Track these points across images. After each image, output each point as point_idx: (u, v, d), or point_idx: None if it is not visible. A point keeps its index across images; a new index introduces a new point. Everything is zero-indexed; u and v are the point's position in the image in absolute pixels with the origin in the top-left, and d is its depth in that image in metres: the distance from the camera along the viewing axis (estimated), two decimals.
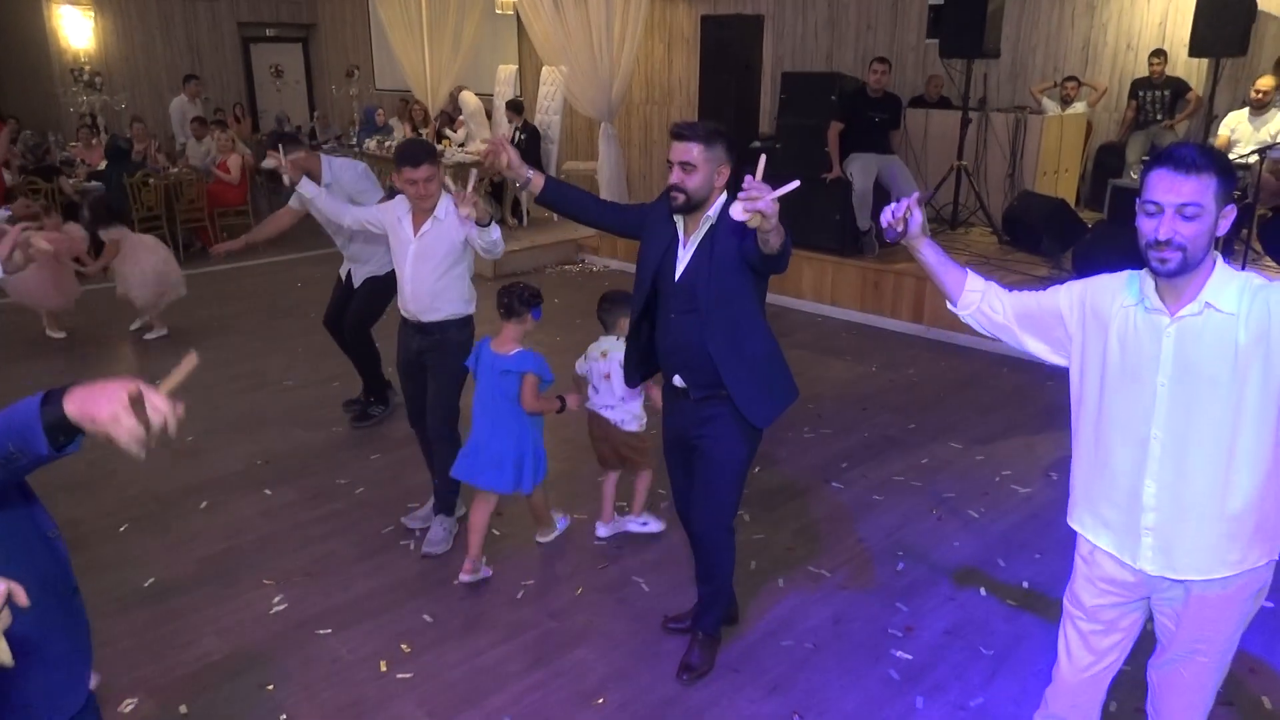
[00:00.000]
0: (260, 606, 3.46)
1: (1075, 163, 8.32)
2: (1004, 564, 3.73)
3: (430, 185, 3.56)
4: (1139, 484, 1.99)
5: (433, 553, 3.81)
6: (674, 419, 2.98)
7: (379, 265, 4.85)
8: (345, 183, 4.65)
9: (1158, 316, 1.93)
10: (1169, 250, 1.84)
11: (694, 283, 2.71)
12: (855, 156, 6.95)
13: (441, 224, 3.64)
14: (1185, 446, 1.93)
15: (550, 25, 8.90)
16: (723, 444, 2.83)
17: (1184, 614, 2.04)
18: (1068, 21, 8.53)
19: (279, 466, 4.66)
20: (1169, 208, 1.83)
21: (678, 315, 2.77)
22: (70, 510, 4.21)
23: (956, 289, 2.28)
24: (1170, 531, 1.98)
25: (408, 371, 3.94)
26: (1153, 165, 1.89)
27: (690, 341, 2.75)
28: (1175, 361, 1.91)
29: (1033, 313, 2.19)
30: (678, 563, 3.75)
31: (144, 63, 13.99)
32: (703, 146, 2.65)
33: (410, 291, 3.73)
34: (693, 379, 2.82)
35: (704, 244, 2.72)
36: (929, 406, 5.38)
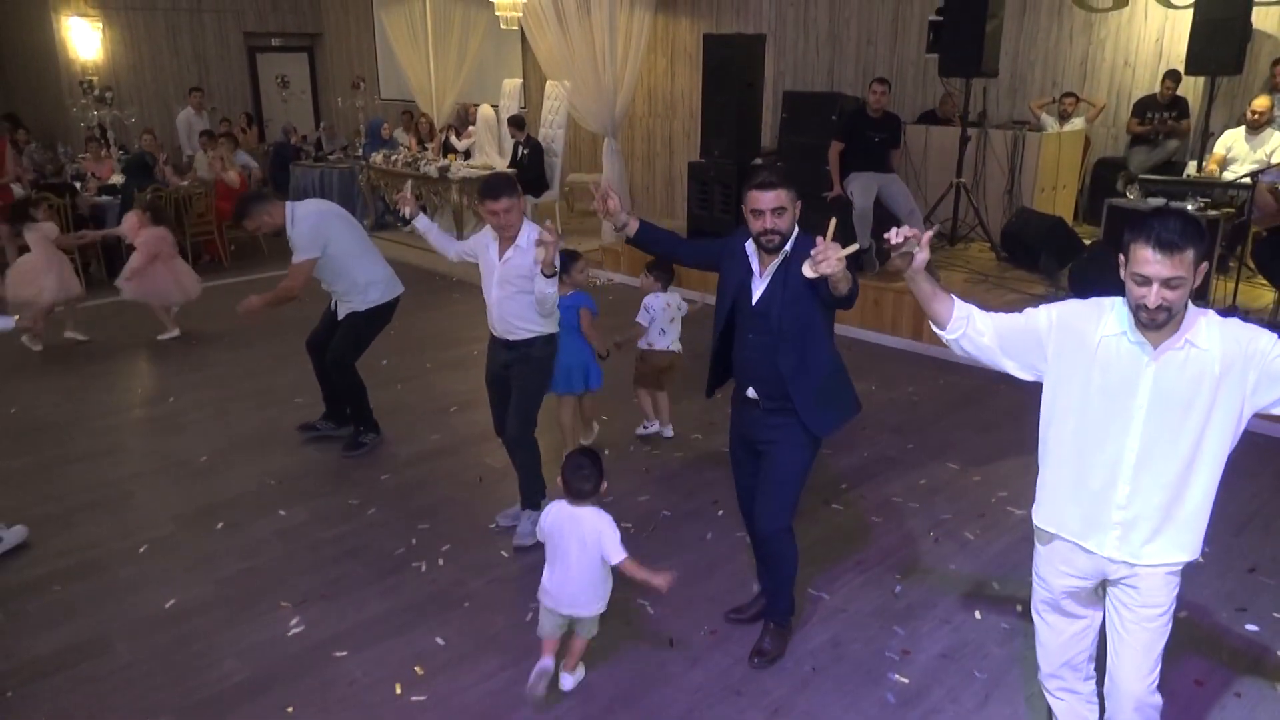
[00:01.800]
0: (278, 628, 3.57)
1: (1073, 179, 8.42)
2: (998, 587, 3.84)
3: (510, 216, 3.80)
4: (1112, 487, 2.29)
5: (522, 544, 4.08)
6: (743, 425, 3.30)
7: (360, 301, 4.92)
8: (297, 235, 4.71)
9: (1139, 350, 2.20)
10: (1159, 313, 2.11)
11: (769, 308, 3.04)
12: (855, 175, 7.06)
13: (522, 251, 3.89)
14: (1155, 457, 2.23)
15: (554, 40, 9.02)
16: (787, 450, 3.15)
17: (1136, 589, 2.34)
18: (1066, 38, 8.63)
19: (291, 487, 4.78)
20: (1157, 281, 2.08)
21: (754, 335, 3.10)
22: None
23: (946, 314, 2.45)
24: (1135, 525, 2.28)
25: (493, 383, 4.23)
26: (1139, 238, 2.11)
27: (764, 359, 3.08)
28: (1154, 389, 2.19)
29: (1014, 334, 2.41)
30: (682, 584, 3.82)
31: (151, 74, 14.11)
32: (788, 191, 2.95)
33: (496, 314, 4.02)
34: (764, 391, 3.14)
35: (779, 274, 3.03)
36: (927, 426, 5.49)
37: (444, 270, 9.36)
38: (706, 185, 8.22)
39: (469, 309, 8.15)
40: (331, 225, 4.81)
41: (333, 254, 4.79)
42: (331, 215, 4.88)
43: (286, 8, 15.38)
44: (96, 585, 3.89)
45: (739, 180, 7.94)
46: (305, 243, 4.72)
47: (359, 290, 4.90)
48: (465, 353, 6.87)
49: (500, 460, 5.03)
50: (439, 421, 5.60)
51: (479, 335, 7.18)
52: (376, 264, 5.00)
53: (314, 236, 4.72)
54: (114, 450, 5.22)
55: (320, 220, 4.77)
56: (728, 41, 7.97)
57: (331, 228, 4.80)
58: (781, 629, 3.43)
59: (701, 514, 4.47)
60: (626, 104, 9.31)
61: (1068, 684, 2.61)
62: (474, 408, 5.82)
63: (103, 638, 3.53)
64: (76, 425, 5.58)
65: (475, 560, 4.05)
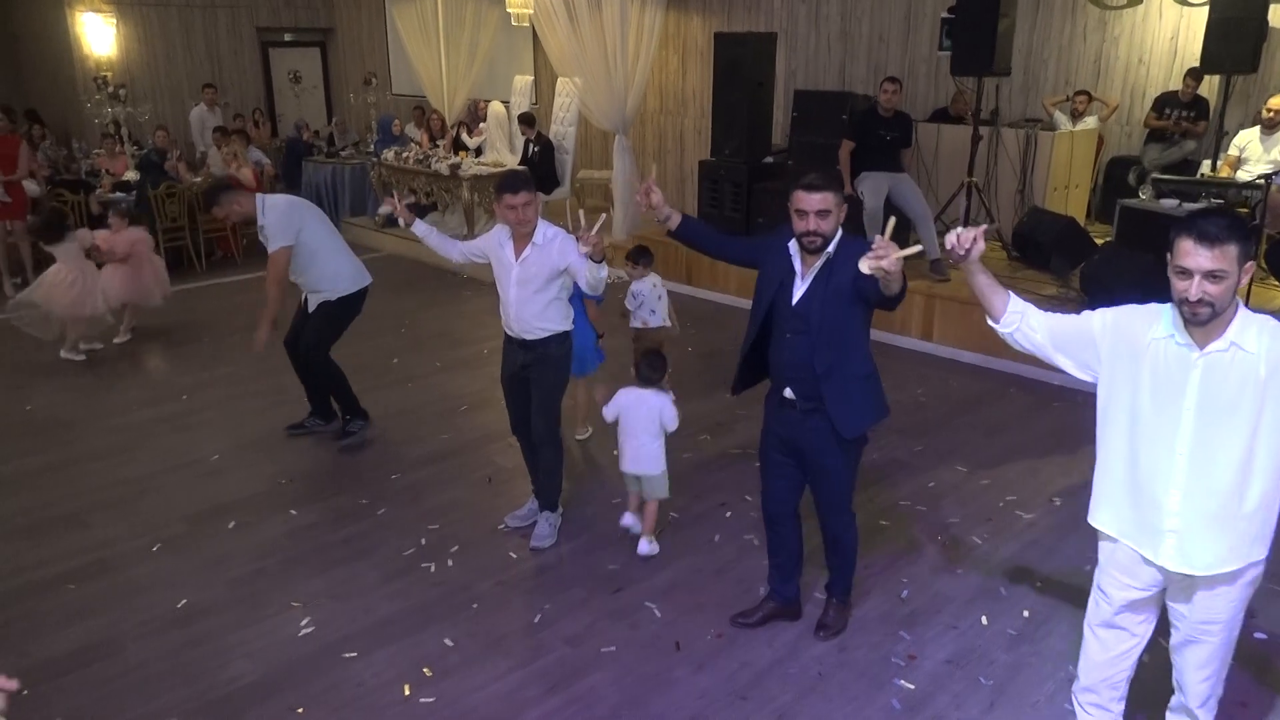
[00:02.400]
0: (288, 629, 3.61)
1: (1086, 178, 8.37)
2: (1005, 592, 3.84)
3: (528, 211, 3.79)
4: (1164, 492, 2.28)
5: (539, 546, 4.16)
6: (781, 427, 3.29)
7: (331, 291, 5.02)
8: (270, 224, 4.81)
9: (1187, 351, 2.21)
10: (1200, 306, 2.13)
11: (809, 309, 3.06)
12: (866, 175, 7.04)
13: (540, 249, 3.86)
14: (1206, 461, 2.22)
15: (565, 37, 9.02)
16: (833, 448, 3.20)
17: (1195, 601, 2.35)
18: (1079, 35, 8.57)
19: (302, 486, 4.82)
20: (1198, 273, 2.11)
21: (792, 335, 3.12)
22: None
23: (1000, 308, 2.52)
24: (1189, 532, 2.27)
25: (510, 384, 4.21)
26: (1182, 232, 2.16)
27: (801, 359, 3.10)
28: (1201, 391, 2.20)
29: (1067, 334, 2.45)
30: (690, 588, 3.88)
31: (165, 69, 14.16)
32: (834, 195, 2.98)
33: (514, 314, 3.98)
34: (801, 391, 3.17)
35: (821, 275, 3.05)
36: (936, 428, 5.48)
37: (454, 267, 9.38)
38: (717, 184, 8.22)
39: (478, 307, 8.18)
40: (303, 214, 4.93)
41: (305, 242, 4.88)
42: (302, 206, 4.99)
43: (299, 3, 15.39)
44: (109, 585, 3.93)
45: (749, 179, 7.95)
46: (279, 230, 4.82)
47: (330, 280, 5.01)
48: (475, 352, 6.90)
49: (510, 460, 5.07)
50: (449, 421, 5.63)
51: (488, 334, 7.25)
52: (346, 256, 5.13)
53: (287, 224, 4.83)
54: (127, 449, 5.27)
55: (291, 209, 4.90)
56: (739, 40, 7.95)
57: (303, 217, 4.91)
58: (844, 605, 3.59)
59: (709, 517, 4.48)
60: (638, 101, 9.31)
61: (1102, 701, 2.60)
62: (484, 407, 5.86)
63: (115, 638, 3.57)
64: (91, 424, 5.64)
65: (484, 562, 4.08)
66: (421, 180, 9.55)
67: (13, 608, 3.77)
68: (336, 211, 11.63)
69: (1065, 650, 3.43)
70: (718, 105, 8.17)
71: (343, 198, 11.66)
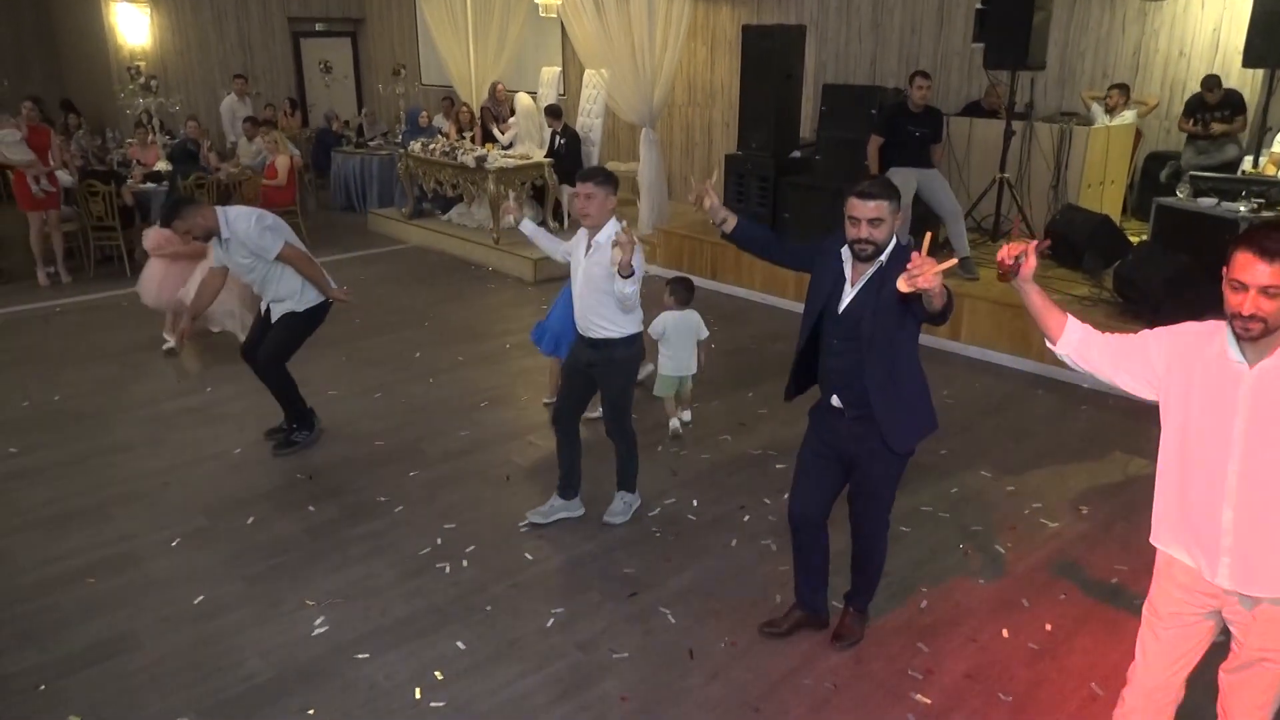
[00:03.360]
0: (302, 628, 3.61)
1: (1122, 174, 8.17)
2: (1028, 604, 3.76)
3: (589, 204, 3.86)
4: (1218, 511, 2.23)
5: (612, 522, 4.33)
6: (828, 434, 3.25)
7: (296, 302, 4.91)
8: (240, 234, 4.67)
9: (1238, 367, 2.16)
10: (1253, 322, 2.08)
11: (859, 316, 3.01)
12: (895, 171, 6.91)
13: (602, 248, 3.91)
14: (1260, 480, 2.16)
15: (592, 28, 8.95)
16: (879, 463, 3.18)
17: (1253, 625, 2.27)
18: (1118, 27, 8.36)
19: (321, 481, 4.83)
20: (1253, 287, 2.06)
21: (840, 342, 3.09)
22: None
23: (1058, 330, 2.48)
24: (1246, 553, 2.20)
25: (570, 373, 4.27)
26: (1242, 245, 2.10)
27: (850, 367, 3.07)
28: (1252, 408, 2.15)
29: (1126, 353, 2.40)
30: (705, 593, 3.84)
31: (198, 58, 14.29)
32: (889, 203, 2.95)
33: (579, 309, 4.07)
34: (849, 399, 3.13)
35: (872, 282, 3.01)
36: (962, 431, 5.38)
37: (479, 259, 9.40)
38: (743, 179, 8.13)
39: (502, 300, 8.17)
40: (275, 220, 4.82)
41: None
42: (268, 216, 4.83)
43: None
44: (129, 579, 3.96)
45: (776, 174, 7.85)
46: (264, 239, 4.69)
47: (297, 291, 4.90)
48: (497, 346, 6.89)
49: (529, 459, 5.05)
50: (469, 417, 5.62)
51: (511, 328, 7.25)
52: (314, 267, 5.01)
53: (273, 230, 4.73)
54: (151, 441, 5.32)
55: (263, 218, 4.76)
56: (767, 33, 7.84)
57: (276, 223, 4.81)
58: (863, 614, 3.55)
59: (727, 519, 4.43)
60: (665, 94, 9.22)
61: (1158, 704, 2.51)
62: (505, 403, 5.85)
63: (132, 633, 3.60)
64: (116, 416, 5.69)
65: (499, 563, 4.06)
66: (447, 172, 9.54)
67: (35, 601, 3.81)
68: (364, 202, 11.69)
69: (1088, 668, 3.35)
70: (745, 98, 8.08)
71: (371, 189, 11.71)
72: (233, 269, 4.87)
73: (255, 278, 4.86)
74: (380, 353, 6.79)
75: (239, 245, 4.71)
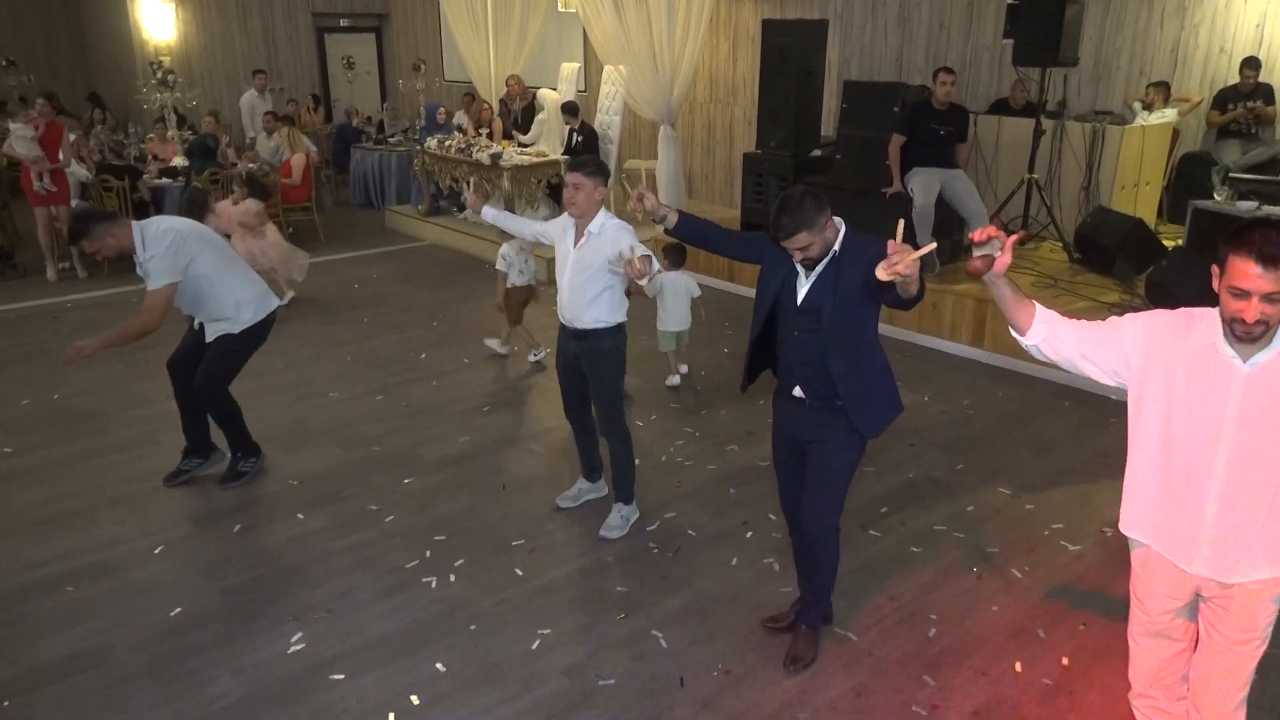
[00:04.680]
0: (278, 645, 3.47)
1: (1158, 175, 7.85)
2: (1044, 634, 3.53)
3: (577, 194, 3.81)
4: (1201, 503, 2.20)
5: (608, 537, 4.19)
6: (788, 424, 3.20)
7: (234, 321, 4.49)
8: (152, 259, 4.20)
9: (1230, 362, 2.11)
10: (1256, 327, 2.03)
11: (818, 307, 2.95)
12: (917, 171, 6.68)
13: (596, 239, 3.87)
14: (1246, 473, 2.14)
15: (610, 25, 8.77)
16: (835, 449, 3.10)
17: (1230, 610, 2.25)
18: (1156, 23, 8.04)
19: (313, 488, 4.70)
20: (1255, 294, 2.00)
21: (801, 334, 3.01)
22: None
23: (1026, 321, 2.40)
24: (1226, 542, 2.20)
25: (565, 372, 4.21)
26: (1239, 249, 2.01)
27: (812, 358, 3.01)
28: (1244, 403, 2.11)
29: (1097, 340, 2.33)
30: (701, 615, 3.65)
31: (222, 54, 14.32)
32: (807, 232, 2.83)
33: (566, 299, 4.00)
34: (811, 390, 3.07)
35: (828, 272, 2.94)
36: (981, 444, 5.15)
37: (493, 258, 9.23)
38: (762, 178, 7.91)
39: None
40: (190, 244, 4.29)
41: (195, 275, 4.30)
42: (189, 234, 4.34)
43: None
44: (108, 588, 3.85)
45: (795, 173, 7.63)
46: (164, 267, 4.19)
47: (232, 309, 4.46)
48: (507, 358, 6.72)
49: (527, 468, 4.89)
50: (470, 422, 5.47)
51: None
52: (246, 281, 4.55)
53: (173, 260, 4.21)
54: (146, 442, 5.22)
55: (177, 240, 4.24)
56: (787, 28, 7.62)
57: (190, 247, 4.28)
58: (814, 630, 3.39)
59: (729, 536, 4.24)
60: (684, 90, 9.02)
61: (1160, 704, 2.51)
62: (507, 407, 5.69)
63: (107, 645, 3.48)
64: (114, 415, 5.61)
65: (488, 578, 3.90)
66: (463, 169, 9.41)
67: (10, 610, 3.71)
68: (382, 199, 11.60)
69: (1106, 708, 3.12)
70: (764, 95, 7.86)
71: (389, 185, 11.62)
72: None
73: (184, 303, 4.41)
74: (385, 353, 6.66)
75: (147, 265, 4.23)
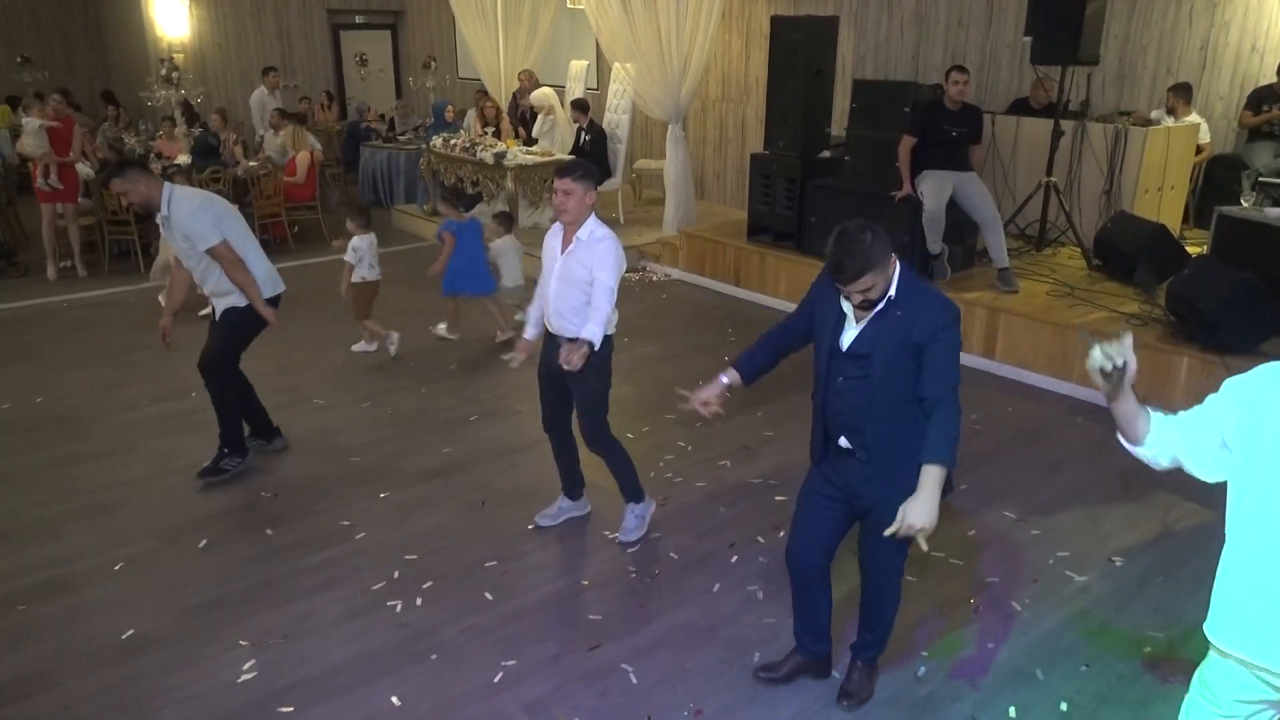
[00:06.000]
0: (229, 673, 3.30)
1: (1184, 179, 7.53)
2: (1042, 676, 3.28)
3: (568, 200, 3.66)
4: None
5: (627, 540, 4.11)
6: (836, 475, 2.93)
7: (239, 297, 4.55)
8: (177, 215, 4.35)
9: None
10: None
11: (870, 352, 2.73)
12: (928, 174, 6.42)
13: (584, 246, 3.74)
14: None
15: (617, 22, 8.56)
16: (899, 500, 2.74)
17: None
18: (1185, 20, 7.70)
19: (286, 501, 4.54)
20: None
21: (845, 380, 2.80)
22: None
23: (1143, 432, 2.11)
24: None
25: (545, 378, 4.03)
26: None
27: (856, 406, 2.77)
28: None
29: (1197, 429, 2.02)
30: (675, 648, 3.44)
31: (236, 50, 14.25)
32: (873, 273, 2.59)
33: (552, 308, 3.86)
34: (859, 441, 2.83)
35: (881, 317, 2.71)
36: (986, 462, 4.89)
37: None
38: (769, 180, 7.67)
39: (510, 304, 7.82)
40: (218, 206, 4.48)
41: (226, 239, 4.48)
42: (220, 203, 4.53)
43: None
44: (62, 608, 3.70)
45: (803, 175, 7.38)
46: (204, 226, 4.36)
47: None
48: (495, 356, 6.54)
49: (509, 482, 4.71)
50: (454, 432, 5.29)
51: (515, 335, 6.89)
52: (259, 258, 4.64)
53: (215, 220, 4.40)
54: (123, 450, 5.09)
55: (213, 205, 4.46)
56: (796, 24, 7.37)
57: (218, 208, 4.48)
58: (871, 668, 3.20)
59: (713, 559, 4.03)
60: (694, 89, 8.78)
61: None
62: (494, 417, 5.51)
63: (53, 669, 3.33)
64: (95, 420, 5.49)
65: (456, 603, 3.71)
66: (468, 168, 9.25)
67: None
68: (390, 198, 11.47)
69: None
70: (772, 95, 7.62)
71: (397, 184, 11.48)
72: (174, 251, 4.57)
73: (194, 265, 4.52)
74: (376, 358, 6.50)
75: (177, 225, 4.38)
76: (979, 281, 6.62)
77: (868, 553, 3.00)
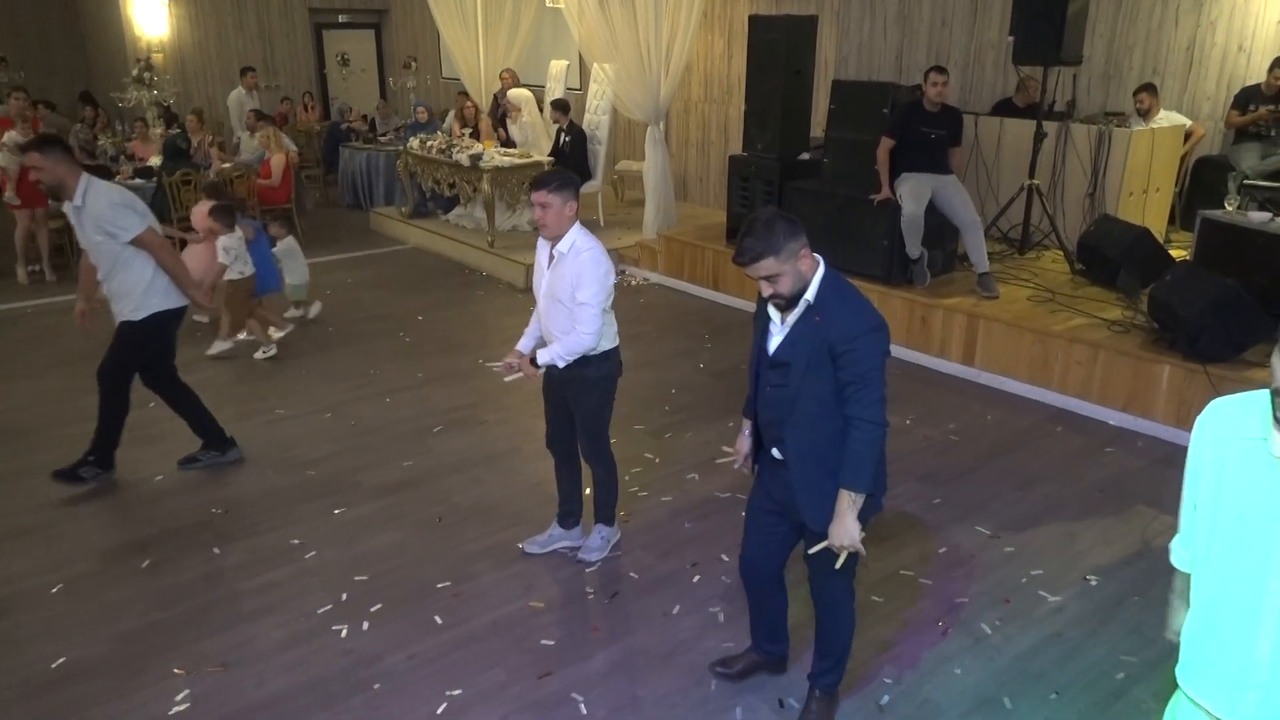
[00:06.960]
0: (159, 705, 3.15)
1: (1169, 180, 7.40)
2: (1010, 705, 3.15)
3: (546, 213, 3.50)
4: (1250, 639, 1.69)
5: (587, 559, 3.96)
6: (775, 487, 2.85)
7: (137, 309, 4.40)
8: (94, 210, 4.20)
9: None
10: None
11: (791, 359, 2.64)
12: (906, 176, 6.28)
13: (566, 260, 3.56)
14: None
15: (594, 21, 8.41)
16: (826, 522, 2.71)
17: None
18: (1170, 19, 7.57)
19: (237, 518, 4.38)
20: None
21: (771, 388, 2.73)
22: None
23: None
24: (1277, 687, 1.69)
25: (549, 394, 3.90)
26: None
27: (781, 415, 2.69)
28: None
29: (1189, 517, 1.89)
30: (629, 675, 3.30)
31: (216, 50, 14.08)
32: (774, 258, 2.51)
33: (544, 324, 3.73)
34: (784, 451, 2.75)
35: (803, 322, 2.62)
36: (962, 475, 4.76)
37: (473, 263, 8.95)
38: (748, 182, 7.53)
39: (487, 309, 7.70)
40: (139, 205, 4.36)
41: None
42: (137, 199, 4.39)
43: None
44: None
45: (782, 177, 7.25)
46: (127, 217, 4.25)
47: (139, 292, 4.38)
48: (467, 362, 6.38)
49: (469, 498, 4.56)
50: (416, 444, 5.14)
51: (490, 341, 6.76)
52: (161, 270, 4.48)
53: (135, 208, 4.29)
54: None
55: (128, 198, 4.33)
56: (774, 24, 7.23)
57: (140, 206, 4.35)
58: (830, 697, 3.06)
59: (674, 579, 3.88)
60: (673, 89, 8.62)
61: None
62: (460, 428, 5.36)
63: None
64: (49, 432, 5.33)
65: (403, 627, 3.57)
66: (444, 170, 9.09)
67: None
68: (370, 200, 11.31)
69: None
70: (751, 96, 7.48)
71: (377, 186, 11.32)
72: (82, 242, 4.42)
73: (101, 259, 4.34)
74: (343, 366, 6.35)
75: (90, 219, 4.23)
76: (959, 286, 6.48)
77: (811, 573, 2.91)
